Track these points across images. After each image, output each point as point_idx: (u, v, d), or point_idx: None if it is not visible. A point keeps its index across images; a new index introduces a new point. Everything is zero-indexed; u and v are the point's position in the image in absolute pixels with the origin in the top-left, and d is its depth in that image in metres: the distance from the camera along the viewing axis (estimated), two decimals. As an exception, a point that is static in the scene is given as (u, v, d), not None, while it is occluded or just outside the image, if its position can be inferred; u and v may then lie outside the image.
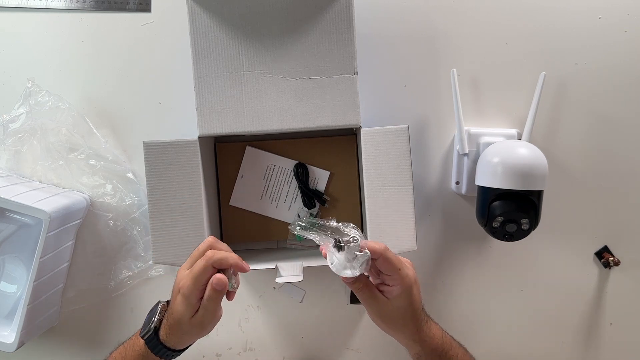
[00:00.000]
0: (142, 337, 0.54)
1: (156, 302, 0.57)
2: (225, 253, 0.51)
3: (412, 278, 0.52)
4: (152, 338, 0.53)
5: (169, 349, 0.54)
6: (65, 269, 0.73)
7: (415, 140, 0.74)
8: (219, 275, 0.49)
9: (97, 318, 0.76)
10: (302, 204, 0.72)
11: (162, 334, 0.53)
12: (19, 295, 0.70)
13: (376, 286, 0.53)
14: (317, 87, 0.63)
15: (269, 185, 0.73)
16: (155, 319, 0.54)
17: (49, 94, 0.73)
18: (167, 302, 0.56)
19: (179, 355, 0.56)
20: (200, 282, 0.50)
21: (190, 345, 0.56)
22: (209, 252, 0.50)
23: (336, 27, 0.62)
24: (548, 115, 0.74)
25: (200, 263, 0.49)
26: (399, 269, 0.50)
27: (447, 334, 0.58)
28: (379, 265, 0.50)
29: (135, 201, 0.74)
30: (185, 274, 0.51)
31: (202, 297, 0.50)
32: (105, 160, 0.74)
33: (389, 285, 0.52)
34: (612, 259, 0.74)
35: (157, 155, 0.62)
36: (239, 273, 0.54)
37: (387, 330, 0.55)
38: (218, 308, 0.52)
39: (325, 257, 0.51)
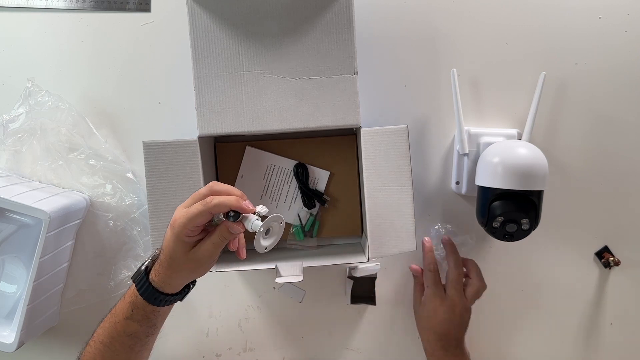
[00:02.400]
0: (132, 279, 0.53)
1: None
2: (223, 198, 0.49)
3: (481, 289, 0.68)
4: (142, 278, 0.52)
5: (160, 292, 0.52)
6: (65, 269, 0.73)
7: (415, 140, 0.74)
8: (235, 226, 0.50)
9: (97, 318, 0.75)
10: (302, 204, 0.72)
11: (152, 275, 0.52)
12: (19, 295, 0.70)
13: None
14: (317, 87, 0.63)
15: (269, 185, 0.73)
16: (149, 260, 0.52)
17: (48, 94, 0.73)
18: None
19: (169, 302, 0.54)
20: (193, 223, 0.48)
21: (183, 294, 0.54)
22: (208, 198, 0.49)
23: (336, 27, 0.62)
24: (548, 115, 0.74)
25: (197, 207, 0.48)
26: (476, 276, 0.68)
27: None
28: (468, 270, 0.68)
29: (135, 201, 0.74)
30: (181, 212, 0.49)
31: (192, 235, 0.50)
32: (105, 160, 0.74)
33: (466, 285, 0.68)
34: (612, 259, 0.74)
35: (157, 155, 0.62)
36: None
37: (422, 322, 0.70)
38: (218, 252, 0.51)
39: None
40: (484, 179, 0.66)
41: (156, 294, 0.52)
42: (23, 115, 0.73)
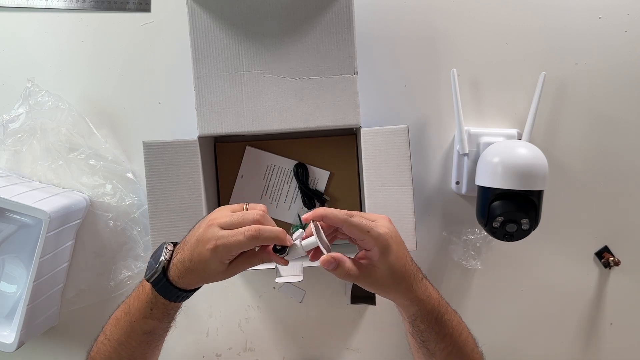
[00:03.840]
0: (148, 280, 0.51)
1: (160, 244, 0.54)
2: (268, 232, 0.47)
3: (385, 236, 0.49)
4: (161, 279, 0.50)
5: (180, 289, 0.51)
6: (65, 269, 0.73)
7: (415, 140, 0.74)
8: (280, 260, 0.50)
9: (97, 318, 0.75)
10: (302, 204, 0.72)
11: (172, 274, 0.50)
12: (19, 295, 0.70)
13: (359, 258, 0.52)
14: (317, 87, 0.63)
15: (269, 185, 0.73)
16: (163, 259, 0.51)
17: (48, 94, 0.73)
18: (173, 243, 0.54)
19: (188, 297, 0.53)
20: (236, 252, 0.48)
21: (201, 286, 0.54)
22: (255, 230, 0.47)
23: (336, 27, 0.62)
24: (548, 115, 0.74)
25: (240, 239, 0.47)
26: (368, 232, 0.48)
27: (443, 298, 0.56)
28: (347, 232, 0.50)
29: (135, 201, 0.74)
30: (222, 236, 0.48)
31: (231, 259, 0.50)
32: (105, 160, 0.74)
33: (367, 250, 0.50)
34: (612, 259, 0.74)
35: (157, 155, 0.62)
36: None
37: (383, 294, 0.53)
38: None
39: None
40: (484, 179, 0.66)
41: (177, 292, 0.51)
42: (23, 115, 0.73)
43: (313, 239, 0.50)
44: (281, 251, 0.50)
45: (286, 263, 0.51)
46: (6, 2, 0.73)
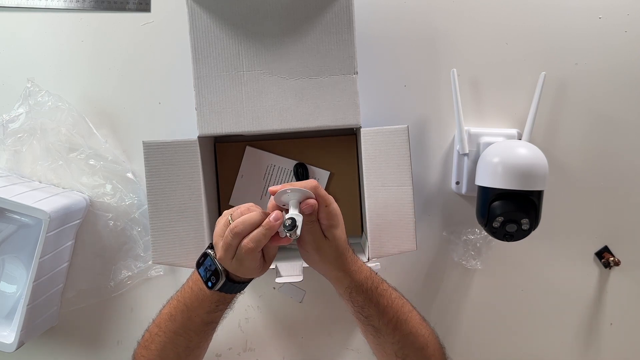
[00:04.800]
0: (219, 290, 0.53)
1: (202, 253, 0.55)
2: (241, 215, 0.51)
3: (339, 213, 0.54)
4: (226, 283, 0.53)
5: (242, 283, 0.55)
6: (65, 269, 0.73)
7: (415, 140, 0.74)
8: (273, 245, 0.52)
9: (97, 318, 0.76)
10: (302, 204, 0.72)
11: (232, 274, 0.53)
12: (19, 295, 0.70)
13: None
14: (317, 87, 0.63)
15: (269, 185, 0.73)
16: (222, 271, 0.53)
17: (48, 94, 0.73)
18: (210, 245, 0.55)
19: (251, 280, 0.56)
20: (251, 263, 0.51)
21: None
22: (229, 239, 0.50)
23: (336, 27, 0.62)
24: (548, 115, 0.74)
25: (243, 255, 0.50)
26: (330, 204, 0.53)
27: (378, 275, 0.59)
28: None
29: (135, 201, 0.74)
30: (231, 267, 0.52)
31: (257, 260, 0.52)
32: (105, 160, 0.74)
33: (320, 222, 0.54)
34: (612, 259, 0.74)
35: (156, 155, 0.62)
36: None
37: (322, 265, 0.55)
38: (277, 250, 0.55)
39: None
40: (484, 179, 0.66)
41: (240, 286, 0.55)
42: (23, 115, 0.73)
43: (295, 194, 0.51)
44: (290, 230, 0.49)
45: (294, 239, 0.51)
46: (6, 2, 0.73)
